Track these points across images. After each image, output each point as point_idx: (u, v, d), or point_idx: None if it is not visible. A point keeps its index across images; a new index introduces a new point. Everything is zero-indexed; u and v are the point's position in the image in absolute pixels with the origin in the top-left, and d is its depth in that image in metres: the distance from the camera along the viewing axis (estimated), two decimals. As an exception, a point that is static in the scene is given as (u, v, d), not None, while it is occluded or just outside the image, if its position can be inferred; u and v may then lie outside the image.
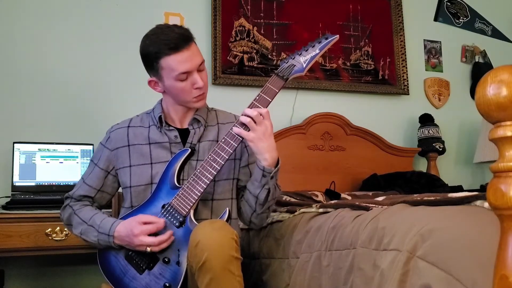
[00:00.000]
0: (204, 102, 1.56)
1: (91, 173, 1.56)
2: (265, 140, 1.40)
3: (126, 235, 1.39)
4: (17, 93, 2.38)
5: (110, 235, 1.41)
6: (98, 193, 1.56)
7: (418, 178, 2.59)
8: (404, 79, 3.04)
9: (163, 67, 1.44)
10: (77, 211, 1.51)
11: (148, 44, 1.46)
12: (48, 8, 2.48)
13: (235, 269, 1.24)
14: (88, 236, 1.46)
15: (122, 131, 1.57)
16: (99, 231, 1.43)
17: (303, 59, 1.48)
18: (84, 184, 1.56)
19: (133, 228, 1.38)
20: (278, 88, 1.46)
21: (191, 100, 1.50)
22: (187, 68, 1.43)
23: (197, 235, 1.25)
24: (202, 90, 1.49)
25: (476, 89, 0.76)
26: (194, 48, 1.46)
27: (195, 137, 1.54)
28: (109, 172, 1.55)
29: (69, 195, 1.57)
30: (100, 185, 1.55)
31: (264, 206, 1.50)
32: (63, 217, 1.56)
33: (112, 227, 1.42)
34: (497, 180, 0.75)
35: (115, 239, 1.41)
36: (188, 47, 1.43)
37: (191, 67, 1.44)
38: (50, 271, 2.33)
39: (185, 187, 1.42)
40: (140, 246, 1.37)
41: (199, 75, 1.47)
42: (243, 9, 2.78)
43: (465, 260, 0.94)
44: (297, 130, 2.72)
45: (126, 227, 1.40)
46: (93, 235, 1.44)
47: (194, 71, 1.45)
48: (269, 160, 1.42)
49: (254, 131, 1.40)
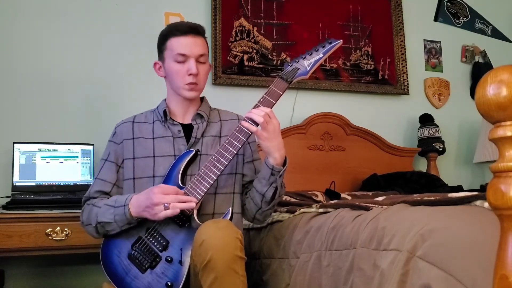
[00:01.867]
0: (197, 94, 1.59)
1: (103, 169, 1.57)
2: (274, 139, 1.45)
3: (144, 197, 1.37)
4: (17, 93, 2.38)
5: (126, 204, 1.40)
6: (114, 188, 1.55)
7: (418, 178, 2.59)
8: (404, 79, 3.04)
9: (167, 48, 1.55)
10: (96, 202, 1.50)
11: (165, 29, 1.60)
12: (48, 8, 2.48)
13: (239, 268, 1.25)
14: (105, 217, 1.43)
15: (127, 125, 1.61)
16: (115, 206, 1.42)
17: (307, 63, 1.53)
18: (98, 180, 1.56)
19: (153, 189, 1.38)
20: (282, 91, 1.50)
21: (182, 86, 1.55)
22: (185, 51, 1.52)
23: (202, 234, 1.25)
24: (195, 79, 1.53)
25: (476, 89, 0.76)
26: (200, 40, 1.56)
27: (198, 132, 1.58)
28: (119, 165, 1.57)
29: (86, 197, 1.57)
30: (114, 179, 1.56)
31: (271, 204, 1.53)
32: (83, 219, 1.52)
33: (129, 197, 1.42)
34: (497, 180, 0.75)
35: (133, 207, 1.39)
36: (194, 36, 1.54)
37: (190, 52, 1.52)
38: (50, 271, 2.33)
39: (189, 187, 1.43)
40: (158, 205, 1.34)
41: (198, 65, 1.53)
42: (243, 9, 2.78)
43: (465, 260, 0.94)
44: (297, 130, 2.71)
45: (145, 192, 1.40)
46: (109, 212, 1.43)
47: (191, 58, 1.52)
48: (278, 159, 1.46)
49: (266, 130, 1.43)
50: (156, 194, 1.35)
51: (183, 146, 1.55)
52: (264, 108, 1.46)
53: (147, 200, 1.37)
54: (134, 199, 1.41)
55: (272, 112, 1.46)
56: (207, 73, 1.60)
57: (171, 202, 1.35)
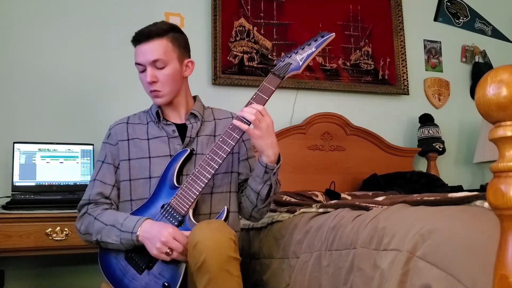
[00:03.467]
0: (165, 100, 1.55)
1: (101, 170, 1.54)
2: (268, 137, 1.42)
3: (158, 231, 1.34)
4: (17, 93, 2.38)
5: (133, 232, 1.36)
6: (113, 190, 1.53)
7: (418, 178, 2.59)
8: (404, 79, 3.04)
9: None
10: (98, 216, 1.46)
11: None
12: (48, 8, 2.48)
13: (233, 269, 1.24)
14: (109, 237, 1.40)
15: (121, 126, 1.60)
16: (122, 230, 1.39)
17: (299, 57, 1.50)
18: (97, 182, 1.52)
19: (169, 227, 1.34)
20: (274, 86, 1.47)
21: (149, 94, 1.55)
22: (138, 60, 1.51)
23: (196, 236, 1.25)
24: (154, 87, 1.51)
25: (476, 89, 0.76)
26: (155, 44, 1.49)
27: (193, 131, 1.56)
28: (117, 167, 1.54)
29: (85, 202, 1.51)
30: (113, 180, 1.53)
31: (266, 201, 1.52)
32: (80, 228, 1.49)
33: (137, 224, 1.37)
34: (497, 180, 0.75)
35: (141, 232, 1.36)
36: (146, 42, 1.49)
37: (142, 60, 1.50)
38: (50, 271, 2.33)
39: (184, 187, 1.42)
40: (164, 244, 1.31)
41: (154, 71, 1.50)
42: (243, 9, 2.78)
43: (465, 260, 0.94)
44: (297, 130, 2.71)
45: (159, 225, 1.37)
46: (115, 234, 1.39)
47: (147, 66, 1.50)
48: (271, 157, 1.44)
49: (258, 128, 1.41)
50: (170, 234, 1.32)
51: (178, 146, 1.54)
52: (257, 105, 1.43)
53: (157, 233, 1.34)
54: (146, 226, 1.37)
55: (265, 110, 1.43)
56: (171, 76, 1.51)
57: (176, 249, 1.32)
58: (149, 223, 1.38)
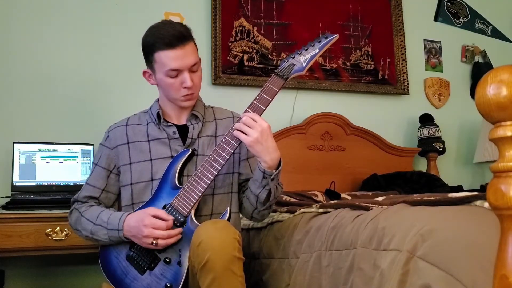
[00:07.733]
0: (192, 103, 1.56)
1: (93, 174, 1.57)
2: (263, 142, 1.39)
3: (136, 225, 1.38)
4: (17, 93, 2.38)
5: (119, 229, 1.40)
6: (103, 193, 1.55)
7: (418, 178, 2.59)
8: (404, 79, 3.04)
9: (156, 61, 1.46)
10: (84, 213, 1.50)
11: (148, 35, 1.48)
12: (47, 8, 2.48)
13: (237, 269, 1.24)
14: (98, 236, 1.45)
15: (120, 129, 1.58)
16: (108, 228, 1.43)
17: (303, 59, 1.49)
18: (87, 185, 1.56)
19: (144, 219, 1.37)
20: (278, 88, 1.46)
21: (179, 98, 1.51)
22: (177, 66, 1.44)
23: (200, 235, 1.25)
24: (191, 90, 1.49)
25: (476, 89, 0.76)
26: (189, 48, 1.46)
27: (194, 132, 1.56)
28: (111, 171, 1.55)
29: (75, 199, 1.57)
30: (103, 184, 1.55)
31: (265, 205, 1.51)
32: (70, 222, 1.55)
33: (121, 221, 1.41)
34: (497, 180, 0.75)
35: (125, 231, 1.40)
36: (182, 46, 1.43)
37: (182, 65, 1.45)
38: (50, 271, 2.33)
39: (186, 187, 1.42)
40: (147, 238, 1.35)
41: (191, 75, 1.47)
42: (243, 9, 2.78)
43: (465, 260, 0.94)
44: (297, 130, 2.71)
45: (136, 218, 1.39)
46: (103, 233, 1.43)
47: (185, 70, 1.46)
48: (269, 163, 1.42)
49: (249, 135, 1.39)
50: (147, 227, 1.35)
51: (179, 147, 1.53)
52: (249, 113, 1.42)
53: (137, 230, 1.37)
54: (125, 225, 1.40)
55: (257, 115, 1.41)
56: (201, 79, 1.54)
57: (160, 237, 1.34)
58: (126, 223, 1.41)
